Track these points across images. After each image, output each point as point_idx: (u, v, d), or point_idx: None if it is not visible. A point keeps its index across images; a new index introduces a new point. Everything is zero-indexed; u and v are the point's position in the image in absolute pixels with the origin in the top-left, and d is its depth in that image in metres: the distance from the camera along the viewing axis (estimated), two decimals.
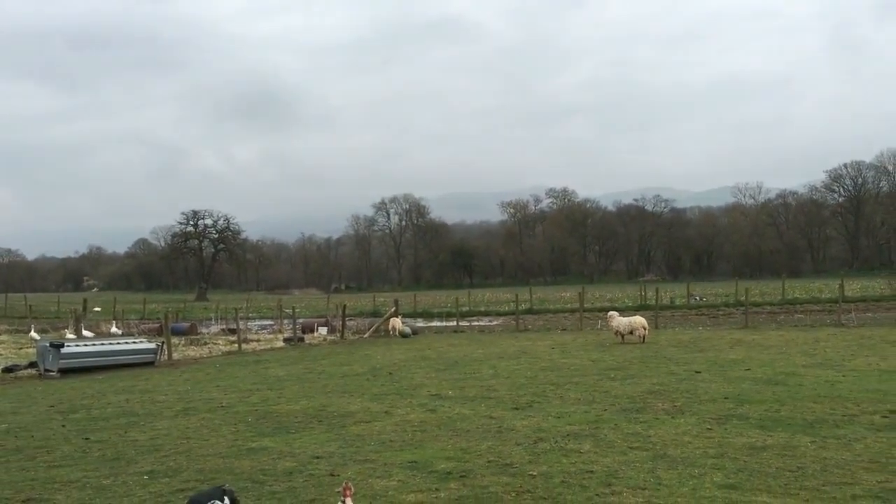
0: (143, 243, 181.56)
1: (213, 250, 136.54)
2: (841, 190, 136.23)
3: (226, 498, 6.19)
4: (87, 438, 11.19)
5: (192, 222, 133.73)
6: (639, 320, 25.71)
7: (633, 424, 10.77)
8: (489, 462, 8.77)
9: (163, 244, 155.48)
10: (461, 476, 8.17)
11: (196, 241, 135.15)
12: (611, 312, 27.55)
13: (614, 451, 9.11)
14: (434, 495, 7.47)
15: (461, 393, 14.63)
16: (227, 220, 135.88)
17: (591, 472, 8.19)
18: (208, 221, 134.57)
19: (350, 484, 6.07)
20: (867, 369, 16.21)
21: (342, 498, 5.93)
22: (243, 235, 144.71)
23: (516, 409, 12.53)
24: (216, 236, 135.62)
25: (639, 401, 12.91)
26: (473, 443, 9.87)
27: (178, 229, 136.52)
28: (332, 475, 8.39)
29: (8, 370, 22.21)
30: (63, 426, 12.40)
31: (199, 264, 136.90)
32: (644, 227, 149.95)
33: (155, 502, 7.57)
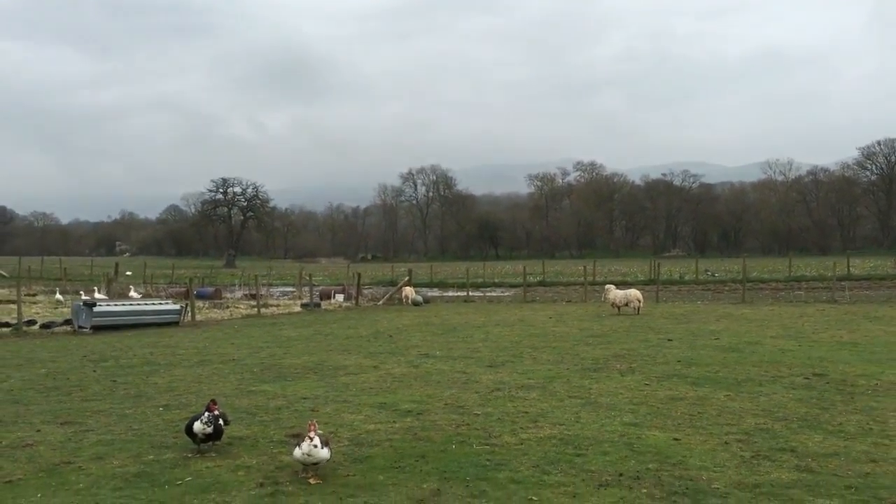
0: (174, 209, 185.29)
1: (241, 218, 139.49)
2: (874, 167, 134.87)
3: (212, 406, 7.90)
4: (114, 381, 13.07)
5: (221, 190, 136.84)
6: (633, 293, 27.12)
7: (583, 380, 12.35)
8: (446, 405, 10.42)
9: (193, 211, 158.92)
10: (418, 414, 9.84)
11: (225, 209, 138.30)
12: (608, 285, 28.95)
13: (554, 399, 10.72)
14: (390, 426, 9.15)
15: (448, 353, 16.28)
16: (255, 188, 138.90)
17: (527, 412, 9.81)
18: (237, 189, 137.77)
19: (315, 422, 7.25)
20: (828, 341, 17.55)
21: (308, 434, 7.08)
22: (272, 204, 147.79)
23: (490, 366, 14.16)
24: (245, 204, 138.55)
25: (601, 362, 14.46)
26: (439, 391, 11.54)
27: (207, 196, 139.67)
28: (313, 410, 10.11)
29: (45, 326, 24.32)
30: (94, 371, 14.31)
31: (227, 231, 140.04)
32: (672, 202, 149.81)
33: (166, 426, 9.34)
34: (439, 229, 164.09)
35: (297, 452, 6.98)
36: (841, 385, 11.54)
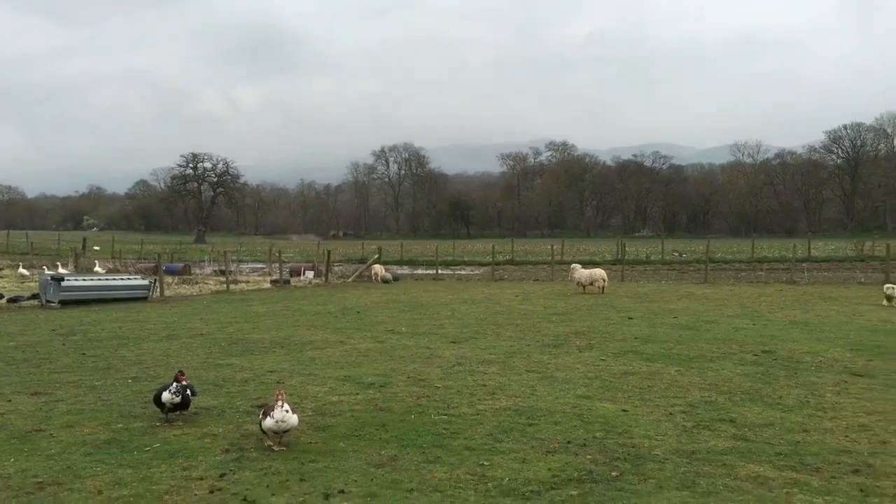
0: (143, 185, 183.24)
1: (212, 193, 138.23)
2: (839, 151, 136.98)
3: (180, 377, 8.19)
4: (83, 354, 13.26)
5: (191, 165, 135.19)
6: (598, 272, 27.65)
7: (542, 356, 12.78)
8: (408, 378, 10.79)
9: (162, 186, 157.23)
10: (381, 386, 10.20)
11: (195, 184, 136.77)
12: (574, 265, 29.46)
13: (513, 373, 11.13)
14: (353, 397, 9.50)
15: (413, 329, 16.64)
16: (226, 163, 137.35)
17: (485, 385, 10.21)
18: (207, 165, 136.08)
19: (283, 391, 7.58)
20: (781, 320, 18.17)
21: (277, 402, 7.31)
22: (242, 180, 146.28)
23: (453, 342, 14.54)
24: (215, 180, 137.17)
25: (562, 339, 14.91)
26: (402, 365, 11.90)
27: (177, 172, 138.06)
28: (279, 382, 10.42)
29: (12, 300, 24.27)
30: (63, 345, 14.47)
31: (197, 207, 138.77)
32: (642, 182, 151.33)
33: (135, 397, 9.61)
34: (411, 207, 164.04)
35: (269, 421, 7.16)
36: (787, 362, 12.08)
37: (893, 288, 22.03)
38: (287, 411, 7.16)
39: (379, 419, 8.36)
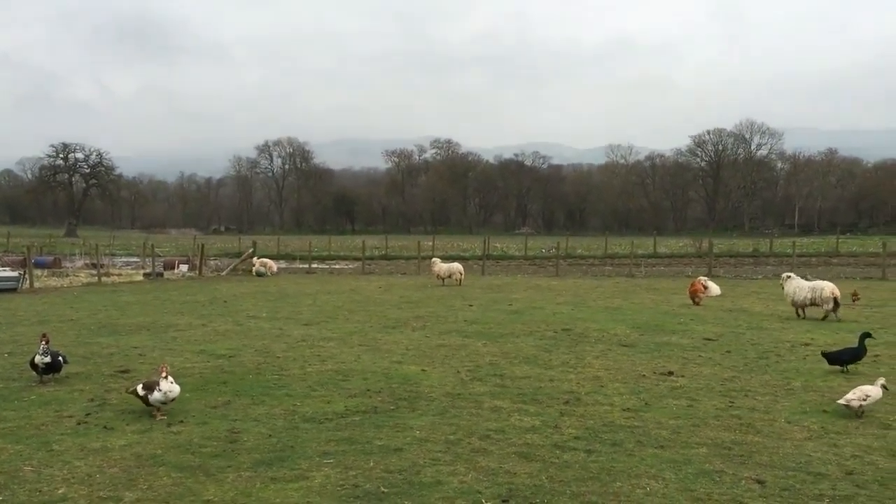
0: (8, 174, 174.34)
1: (84, 185, 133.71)
2: (703, 154, 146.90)
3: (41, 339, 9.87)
4: None
5: (61, 155, 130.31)
6: (456, 266, 30.17)
7: (378, 334, 14.98)
8: (256, 351, 12.77)
9: (30, 177, 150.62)
10: (230, 357, 12.14)
11: (66, 176, 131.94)
12: (434, 259, 31.89)
13: (347, 346, 13.29)
14: (204, 364, 11.43)
15: (273, 315, 18.51)
16: (99, 154, 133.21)
17: (319, 355, 12.32)
18: (80, 155, 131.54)
19: (166, 365, 8.84)
20: (599, 306, 21.02)
21: (162, 375, 8.45)
22: (118, 171, 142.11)
23: (306, 325, 16.54)
24: (88, 171, 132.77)
25: (402, 322, 17.14)
26: (254, 341, 13.86)
27: (46, 162, 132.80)
28: (141, 355, 12.18)
29: None
30: None
31: (68, 199, 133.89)
32: (522, 181, 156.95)
33: (12, 366, 11.19)
34: (296, 202, 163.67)
35: (157, 395, 8.10)
36: (577, 337, 14.73)
37: (706, 280, 25.51)
38: (171, 382, 8.15)
39: (222, 378, 10.35)
